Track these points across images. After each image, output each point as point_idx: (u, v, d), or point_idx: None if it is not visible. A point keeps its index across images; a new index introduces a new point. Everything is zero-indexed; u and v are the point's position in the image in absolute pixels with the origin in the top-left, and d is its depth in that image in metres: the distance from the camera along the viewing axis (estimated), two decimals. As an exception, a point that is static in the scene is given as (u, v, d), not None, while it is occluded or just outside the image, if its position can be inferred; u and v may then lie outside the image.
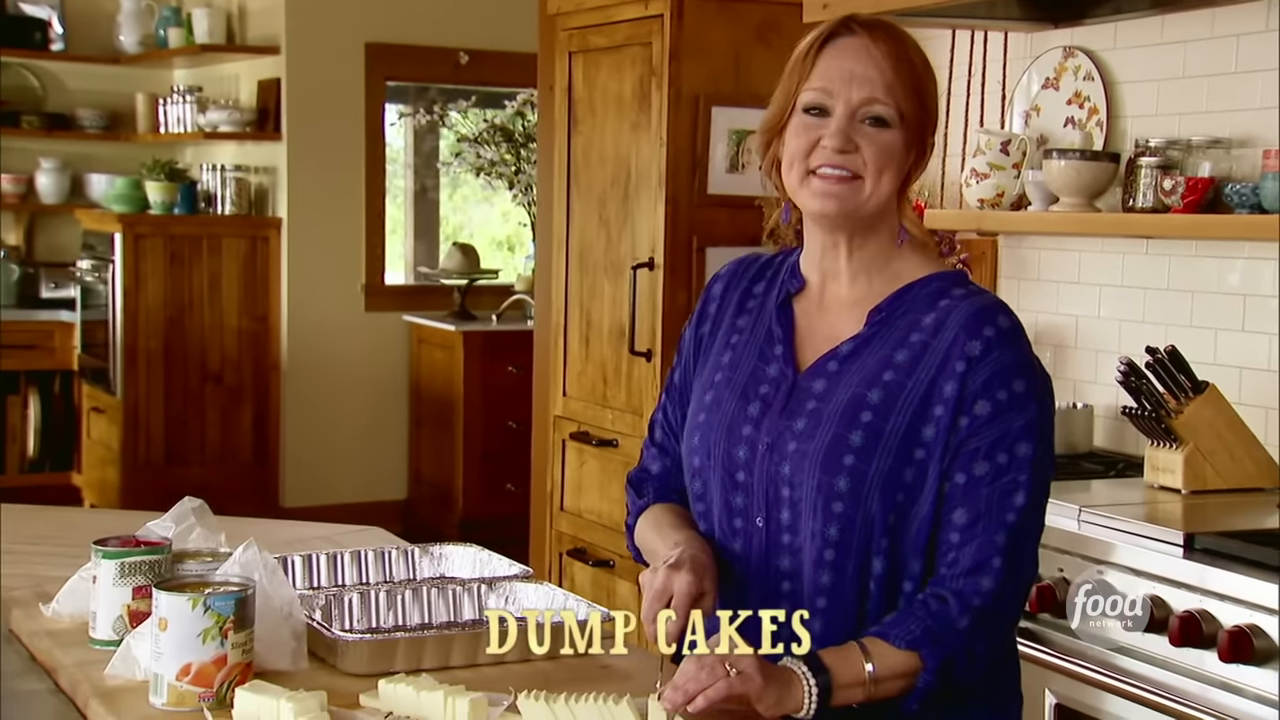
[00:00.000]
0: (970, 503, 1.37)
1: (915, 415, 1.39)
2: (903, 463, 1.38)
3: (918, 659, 1.34)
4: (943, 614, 1.35)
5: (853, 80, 1.39)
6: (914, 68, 1.41)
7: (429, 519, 5.60)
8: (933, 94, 1.44)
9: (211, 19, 5.72)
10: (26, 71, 6.21)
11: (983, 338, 1.39)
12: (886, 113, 1.40)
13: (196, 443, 5.58)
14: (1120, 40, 2.71)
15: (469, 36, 5.78)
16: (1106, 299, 2.77)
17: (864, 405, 1.40)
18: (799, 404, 1.43)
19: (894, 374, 1.41)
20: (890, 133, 1.40)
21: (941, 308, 1.42)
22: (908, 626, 1.35)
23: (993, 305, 1.43)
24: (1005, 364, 1.38)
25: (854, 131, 1.40)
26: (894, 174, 1.41)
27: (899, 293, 1.45)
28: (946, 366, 1.39)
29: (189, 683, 1.37)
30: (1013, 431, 1.37)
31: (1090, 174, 2.58)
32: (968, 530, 1.37)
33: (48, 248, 6.30)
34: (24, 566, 1.93)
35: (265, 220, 5.73)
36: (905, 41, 1.42)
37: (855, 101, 1.40)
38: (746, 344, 1.50)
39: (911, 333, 1.42)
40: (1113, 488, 2.41)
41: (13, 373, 5.94)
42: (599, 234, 3.41)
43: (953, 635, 1.34)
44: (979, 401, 1.38)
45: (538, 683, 1.38)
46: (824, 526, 1.39)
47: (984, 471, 1.37)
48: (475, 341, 5.47)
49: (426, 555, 1.82)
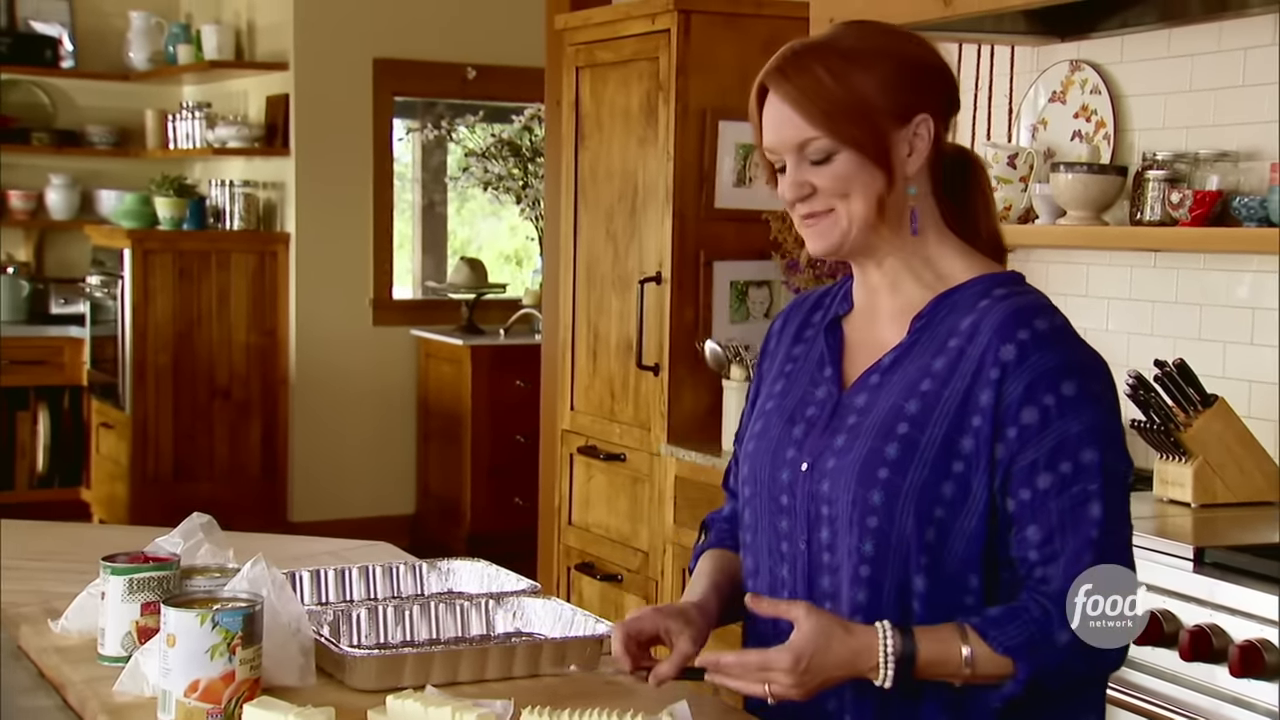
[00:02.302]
0: (1042, 518, 1.31)
1: (952, 426, 1.33)
2: (940, 476, 1.33)
3: (1011, 665, 1.30)
4: (1045, 625, 1.30)
5: (781, 131, 1.38)
6: (826, 90, 1.36)
7: (437, 533, 5.60)
8: (871, 91, 1.36)
9: (220, 35, 5.75)
10: (37, 89, 6.24)
11: (1017, 341, 1.33)
12: (821, 147, 1.37)
13: (205, 458, 5.59)
14: (1127, 54, 2.72)
15: (476, 52, 5.80)
16: (1114, 312, 2.76)
17: (901, 417, 1.35)
18: (841, 421, 1.40)
19: (931, 383, 1.36)
20: (836, 161, 1.37)
21: (979, 310, 1.37)
22: (1009, 632, 1.30)
23: (1031, 306, 1.36)
24: (1048, 367, 1.32)
25: (805, 174, 1.38)
26: (861, 193, 1.37)
27: (941, 296, 1.40)
28: (981, 374, 1.33)
29: (197, 699, 1.37)
30: (1071, 438, 1.31)
31: (1098, 187, 2.58)
32: (1045, 547, 1.31)
33: (57, 263, 6.32)
34: (33, 583, 1.93)
35: (273, 235, 5.75)
36: (810, 65, 1.38)
37: (793, 149, 1.38)
38: (799, 371, 1.48)
39: (950, 338, 1.37)
40: (1122, 501, 2.41)
41: (22, 388, 5.96)
42: (606, 248, 3.42)
43: (1051, 650, 1.30)
44: (1025, 409, 1.31)
45: (544, 698, 1.38)
46: (859, 543, 1.35)
47: (1049, 484, 1.31)
48: (483, 356, 5.48)
49: (434, 570, 1.82)
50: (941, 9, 2.55)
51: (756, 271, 3.23)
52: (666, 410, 3.21)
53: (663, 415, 3.21)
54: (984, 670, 1.29)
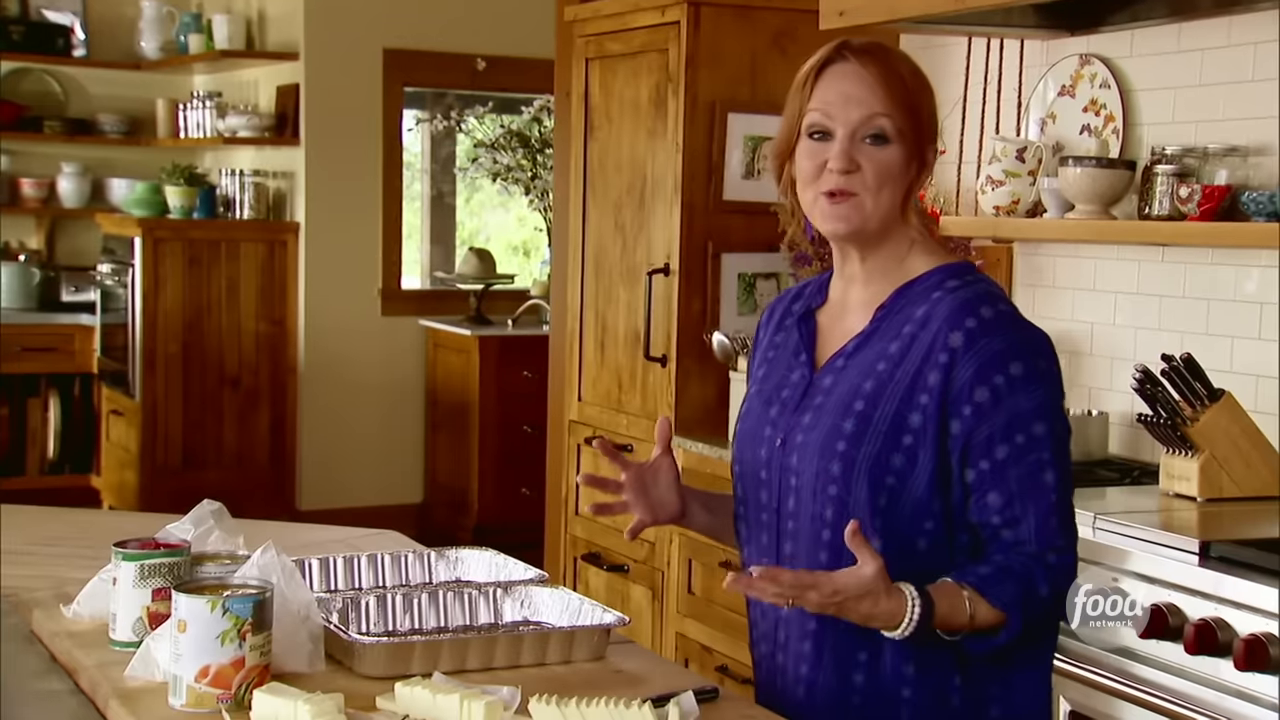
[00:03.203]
0: (1001, 485, 1.45)
1: (902, 404, 1.47)
2: (891, 449, 1.46)
3: (1005, 618, 1.42)
4: (1030, 582, 1.44)
5: (849, 102, 1.49)
6: (906, 85, 1.50)
7: (444, 523, 5.62)
8: (929, 108, 1.53)
9: (231, 25, 5.76)
10: (49, 77, 6.26)
11: (965, 329, 1.46)
12: (885, 128, 1.49)
13: (214, 446, 5.61)
14: (1137, 48, 2.71)
15: (486, 43, 5.80)
16: (1122, 306, 2.77)
17: (858, 395, 1.49)
18: (810, 401, 1.54)
19: (886, 365, 1.49)
20: (890, 149, 1.49)
21: (932, 300, 1.50)
22: (1005, 589, 1.42)
23: (978, 296, 1.49)
24: (996, 350, 1.45)
25: (856, 151, 1.49)
26: (894, 189, 1.50)
27: (902, 288, 1.53)
28: (931, 357, 1.47)
29: (208, 684, 1.38)
30: (1024, 413, 1.45)
31: (1106, 181, 2.58)
32: (1006, 510, 1.45)
33: (69, 252, 6.34)
34: (44, 568, 1.95)
35: (283, 225, 5.76)
36: (897, 61, 1.52)
37: (854, 121, 1.49)
38: (779, 357, 1.62)
39: (906, 325, 1.51)
40: (1128, 495, 2.41)
41: (34, 375, 5.98)
42: (615, 239, 3.42)
43: (1037, 603, 1.44)
44: (977, 389, 1.45)
45: (552, 687, 1.39)
46: (821, 509, 1.49)
47: (1005, 454, 1.45)
48: (491, 346, 5.49)
49: (442, 559, 1.83)
50: (952, 2, 2.55)
51: (764, 263, 3.23)
52: (674, 401, 3.22)
53: (670, 406, 3.22)
54: (982, 624, 1.42)
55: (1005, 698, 1.49)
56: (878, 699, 1.48)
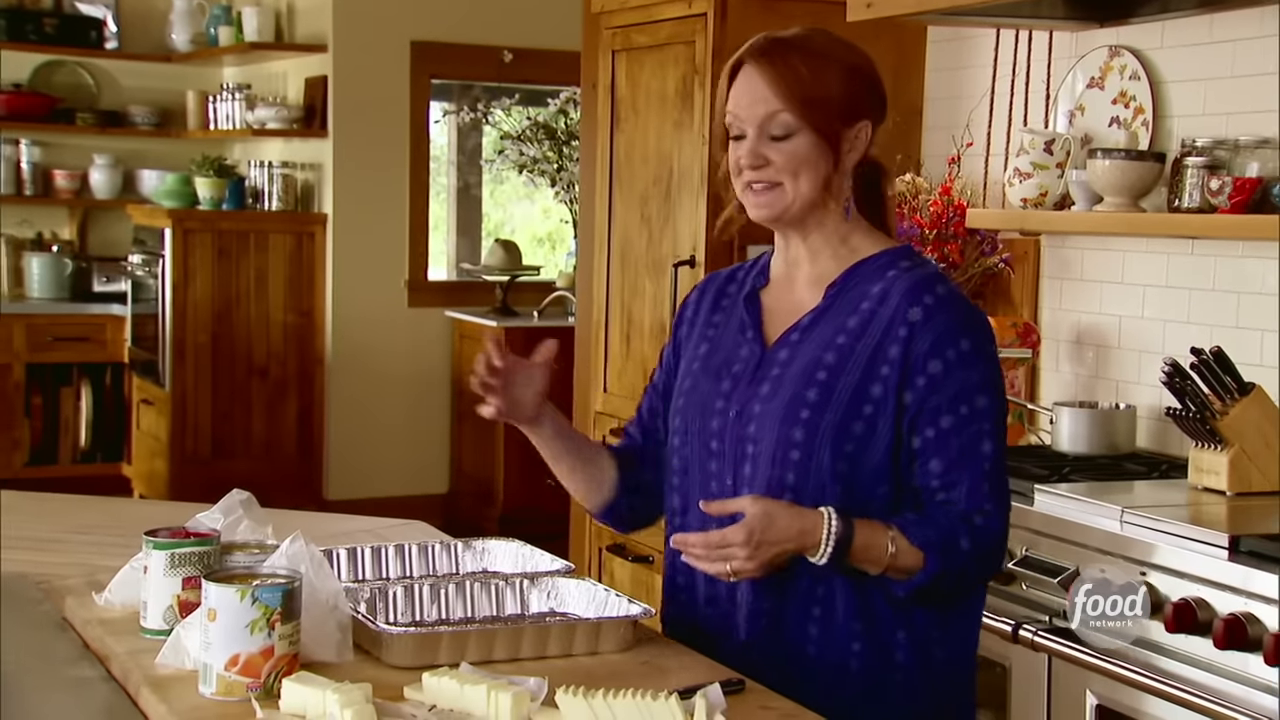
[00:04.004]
0: (944, 452, 1.56)
1: (864, 375, 1.57)
2: (852, 417, 1.56)
3: (923, 559, 1.53)
4: (952, 532, 1.55)
5: (754, 103, 1.60)
6: (801, 79, 1.59)
7: (470, 513, 5.64)
8: (837, 91, 1.59)
9: (260, 17, 5.79)
10: (81, 70, 6.31)
11: (923, 305, 1.57)
12: (785, 124, 1.59)
13: (242, 436, 5.65)
14: (1168, 39, 2.69)
15: (513, 35, 5.80)
16: (1151, 299, 2.75)
17: (820, 366, 1.59)
18: (765, 373, 1.63)
19: (846, 338, 1.59)
20: (794, 140, 1.59)
21: (888, 278, 1.61)
22: (925, 530, 1.54)
23: (932, 276, 1.62)
24: (948, 326, 1.57)
25: (763, 147, 1.60)
26: (809, 173, 1.60)
27: (853, 268, 1.64)
28: (891, 331, 1.57)
29: (237, 673, 1.39)
30: (970, 386, 1.56)
31: (1135, 174, 2.57)
32: (945, 476, 1.56)
33: (100, 242, 6.40)
34: (77, 555, 1.97)
35: (311, 216, 5.79)
36: (789, 53, 1.61)
37: (759, 119, 1.60)
38: (721, 335, 1.71)
39: (862, 301, 1.61)
40: (1156, 489, 2.40)
41: (66, 364, 6.04)
42: (641, 232, 3.42)
43: (955, 554, 1.55)
44: (930, 361, 1.56)
45: (578, 678, 1.39)
46: (782, 473, 1.58)
47: (950, 424, 1.56)
48: (517, 337, 5.50)
49: (469, 550, 1.85)
50: (980, -7, 2.54)
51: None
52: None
53: (696, 398, 3.22)
54: (901, 561, 1.54)
55: (944, 640, 1.61)
56: (831, 652, 1.58)
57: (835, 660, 1.58)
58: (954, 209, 3.01)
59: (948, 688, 1.63)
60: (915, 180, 3.09)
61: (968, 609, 1.65)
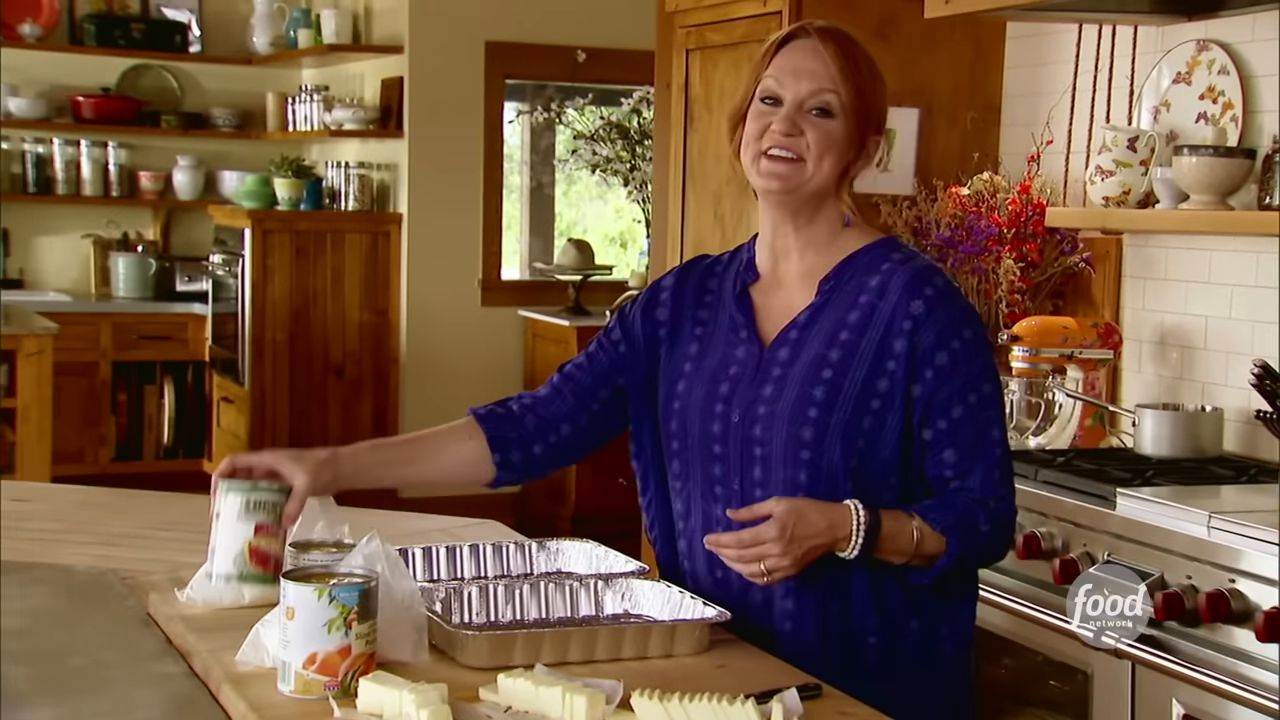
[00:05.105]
0: (957, 442, 1.57)
1: (870, 369, 1.57)
2: (861, 412, 1.57)
3: (945, 543, 1.55)
4: (971, 516, 1.57)
5: (801, 75, 1.59)
6: (859, 68, 1.59)
7: (541, 512, 5.66)
8: (878, 98, 1.61)
9: (338, 20, 5.86)
10: (166, 73, 6.44)
11: (924, 297, 1.57)
12: (831, 103, 1.58)
13: (319, 433, 5.72)
14: (1259, 32, 2.62)
15: (587, 35, 5.81)
16: (1239, 299, 2.68)
17: (825, 364, 1.58)
18: (766, 373, 1.62)
19: (849, 333, 1.59)
20: (833, 122, 1.59)
21: (884, 271, 1.61)
22: (945, 515, 1.56)
23: (928, 268, 1.61)
24: (951, 318, 1.58)
25: (800, 119, 1.59)
26: (835, 159, 1.59)
27: (844, 262, 1.63)
28: (894, 325, 1.57)
29: (315, 671, 1.40)
30: (975, 375, 1.58)
31: (1224, 170, 2.50)
32: (959, 465, 1.58)
33: (183, 242, 6.52)
34: (160, 552, 2.00)
35: (386, 216, 5.85)
36: (854, 46, 1.61)
37: (803, 93, 1.59)
38: (712, 334, 1.68)
39: (860, 295, 1.60)
40: (1244, 494, 2.34)
41: (149, 363, 6.17)
42: (714, 231, 3.41)
43: (976, 534, 1.57)
44: (937, 354, 1.56)
45: (654, 681, 1.38)
46: (794, 474, 1.58)
47: (961, 414, 1.57)
48: (589, 336, 5.48)
49: (543, 550, 1.84)
50: (1062, -12, 2.49)
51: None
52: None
53: (769, 399, 3.20)
54: (926, 547, 1.55)
55: (951, 622, 1.64)
56: (847, 646, 1.60)
57: (851, 654, 1.59)
58: (1033, 207, 2.96)
59: (957, 673, 1.65)
60: (993, 179, 3.04)
61: (965, 597, 1.66)
